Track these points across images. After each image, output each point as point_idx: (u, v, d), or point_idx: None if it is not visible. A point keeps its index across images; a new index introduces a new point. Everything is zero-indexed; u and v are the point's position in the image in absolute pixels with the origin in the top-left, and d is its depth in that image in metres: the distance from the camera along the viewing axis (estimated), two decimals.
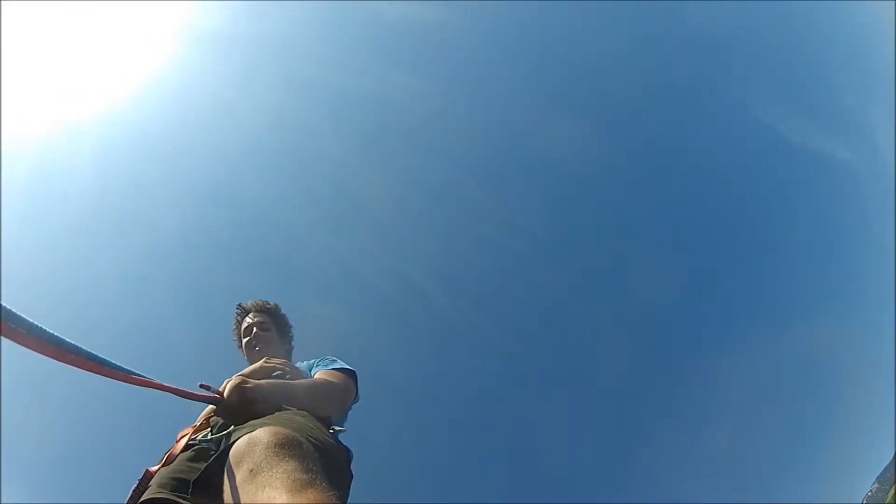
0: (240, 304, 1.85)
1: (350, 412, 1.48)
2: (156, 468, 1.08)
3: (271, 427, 0.79)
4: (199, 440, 1.14)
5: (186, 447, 1.11)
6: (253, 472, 0.69)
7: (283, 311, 1.85)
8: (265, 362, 1.53)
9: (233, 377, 1.17)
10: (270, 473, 0.67)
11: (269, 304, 1.84)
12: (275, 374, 1.39)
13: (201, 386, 1.15)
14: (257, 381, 1.19)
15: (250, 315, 1.79)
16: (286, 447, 0.73)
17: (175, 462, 1.07)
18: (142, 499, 1.00)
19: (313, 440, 0.86)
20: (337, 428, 1.16)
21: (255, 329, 1.74)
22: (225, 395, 1.12)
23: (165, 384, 1.02)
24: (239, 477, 0.71)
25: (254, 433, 0.77)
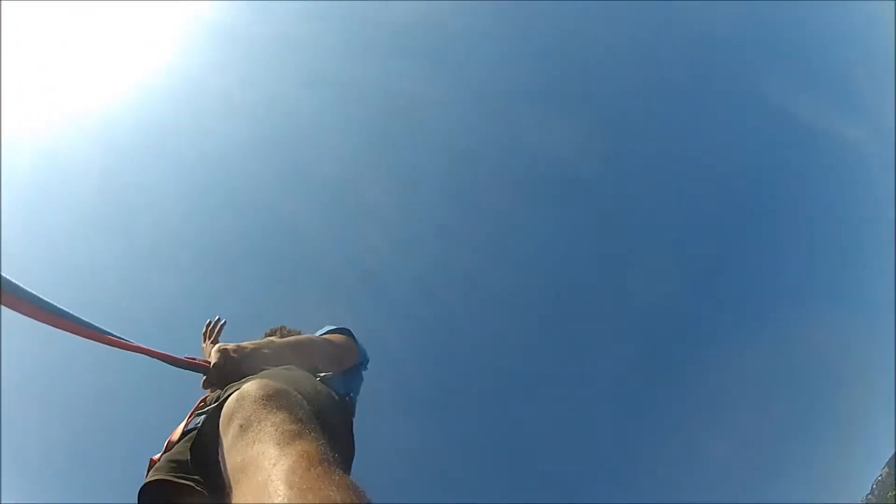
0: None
1: (363, 385, 1.46)
2: (158, 456, 1.09)
3: (259, 381, 0.79)
4: (194, 423, 1.13)
5: (184, 434, 1.10)
6: (243, 428, 0.69)
7: (288, 329, 1.89)
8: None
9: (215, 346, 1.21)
10: (259, 427, 0.67)
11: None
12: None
13: (187, 358, 1.17)
14: (239, 343, 1.19)
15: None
16: (273, 398, 0.73)
17: (174, 448, 1.07)
18: (142, 484, 1.00)
19: (302, 390, 0.86)
20: (322, 374, 1.15)
21: None
22: (212, 361, 1.13)
23: (155, 350, 1.03)
24: (230, 434, 0.71)
25: (242, 388, 0.77)
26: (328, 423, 0.82)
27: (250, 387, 0.76)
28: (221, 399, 0.88)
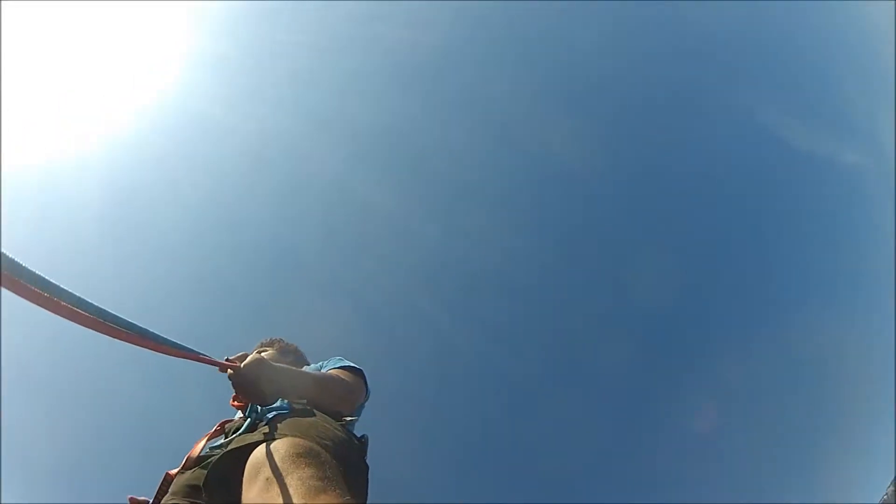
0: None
1: (364, 410, 1.52)
2: (175, 472, 1.08)
3: (288, 438, 0.81)
4: (211, 448, 1.11)
5: (200, 458, 1.09)
6: (269, 482, 0.70)
7: (286, 342, 1.84)
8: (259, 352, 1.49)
9: (251, 353, 1.19)
10: (286, 481, 0.68)
11: (269, 339, 1.85)
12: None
13: (227, 359, 1.15)
14: (273, 363, 1.17)
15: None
16: (302, 456, 0.74)
17: (189, 473, 1.06)
18: (156, 501, 0.98)
19: (328, 442, 0.87)
20: (348, 418, 1.16)
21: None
22: (242, 365, 1.10)
23: (185, 349, 0.99)
24: (256, 486, 0.71)
25: (272, 444, 0.78)
26: (350, 470, 0.83)
27: (280, 444, 0.77)
28: (242, 444, 0.88)
